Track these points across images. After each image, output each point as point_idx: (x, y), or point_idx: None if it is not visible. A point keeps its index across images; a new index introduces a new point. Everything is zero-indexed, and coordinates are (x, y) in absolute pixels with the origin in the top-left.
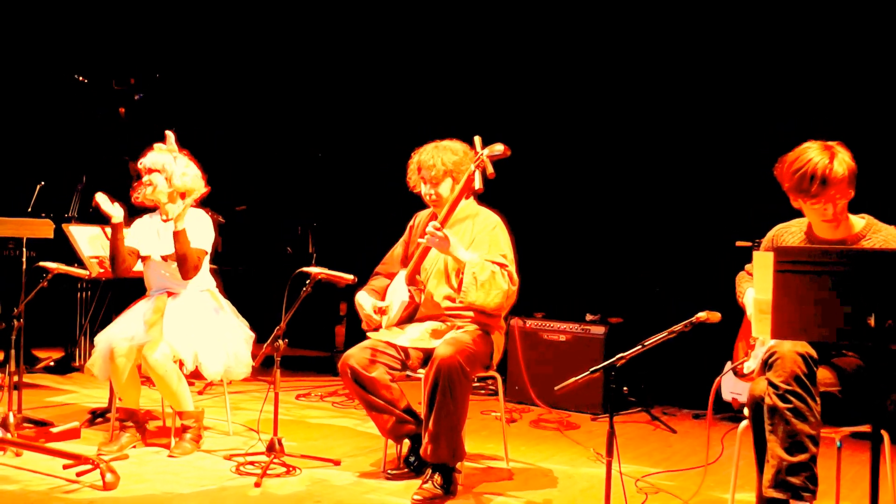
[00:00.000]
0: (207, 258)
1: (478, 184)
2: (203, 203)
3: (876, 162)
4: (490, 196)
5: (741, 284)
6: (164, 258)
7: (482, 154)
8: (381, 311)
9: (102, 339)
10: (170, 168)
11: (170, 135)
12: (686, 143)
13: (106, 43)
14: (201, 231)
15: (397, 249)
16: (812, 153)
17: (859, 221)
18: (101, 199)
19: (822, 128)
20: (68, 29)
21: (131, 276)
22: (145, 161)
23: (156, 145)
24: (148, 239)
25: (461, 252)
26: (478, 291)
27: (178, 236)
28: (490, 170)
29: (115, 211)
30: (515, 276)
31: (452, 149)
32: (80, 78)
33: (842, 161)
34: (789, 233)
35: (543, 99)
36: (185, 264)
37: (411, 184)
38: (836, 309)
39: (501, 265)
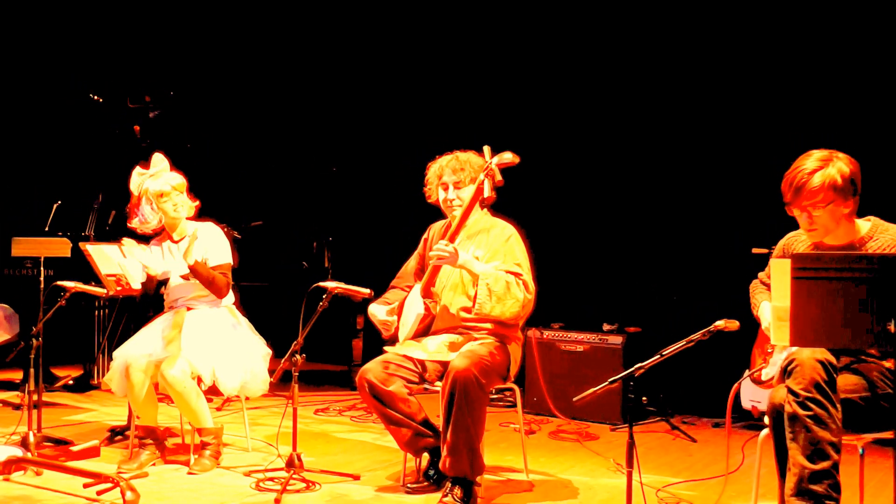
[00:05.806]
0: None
1: (487, 192)
2: (219, 220)
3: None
4: (506, 206)
5: (755, 296)
6: (184, 277)
7: (491, 163)
8: (394, 312)
9: (120, 354)
10: (182, 184)
11: (160, 156)
12: (701, 150)
13: (120, 61)
14: (217, 245)
15: (412, 262)
16: (804, 162)
17: (865, 224)
18: (131, 248)
19: (838, 135)
20: (83, 48)
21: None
22: (166, 183)
23: (154, 169)
24: (163, 264)
25: (474, 264)
26: (493, 303)
27: (196, 269)
28: (499, 177)
29: (152, 261)
30: (531, 284)
31: (471, 157)
32: (95, 97)
33: (825, 174)
34: (799, 241)
35: (559, 109)
36: (213, 286)
37: (429, 192)
38: (856, 314)
39: (516, 274)
